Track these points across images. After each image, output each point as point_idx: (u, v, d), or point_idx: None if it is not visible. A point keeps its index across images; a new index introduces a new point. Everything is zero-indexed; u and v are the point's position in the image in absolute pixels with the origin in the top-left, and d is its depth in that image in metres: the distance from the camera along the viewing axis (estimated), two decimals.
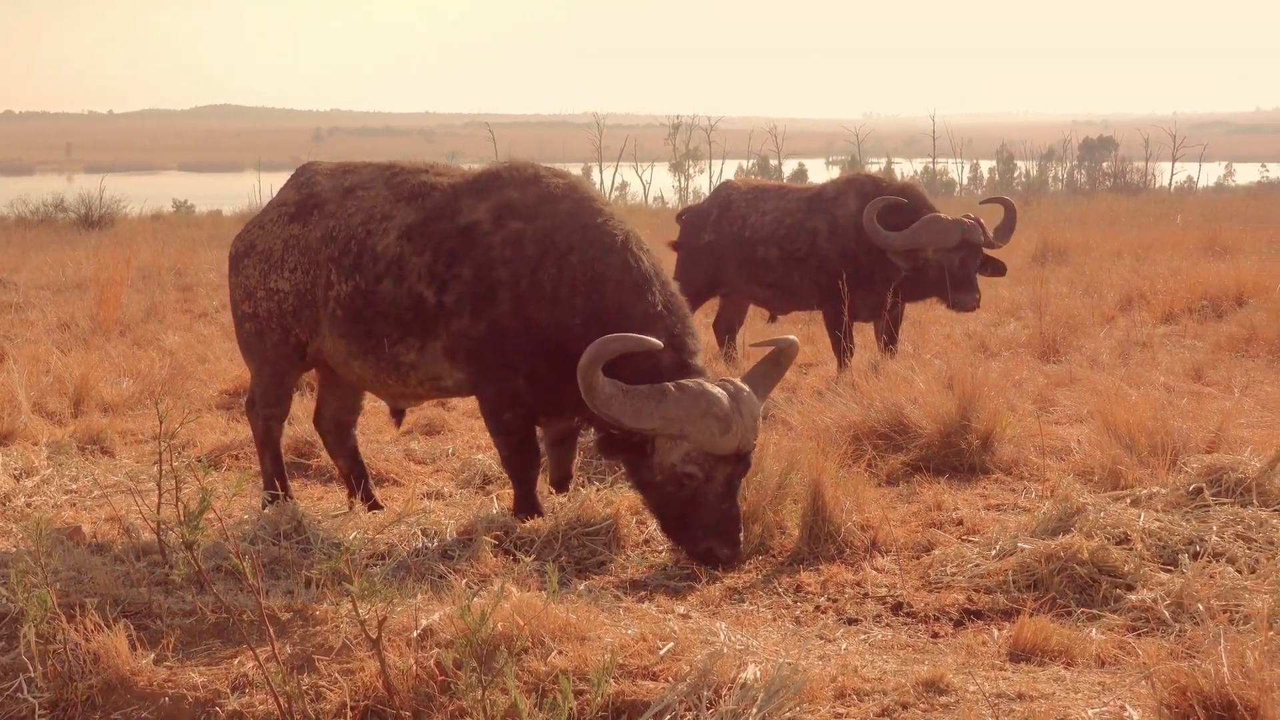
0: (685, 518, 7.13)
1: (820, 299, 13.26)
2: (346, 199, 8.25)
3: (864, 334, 13.51)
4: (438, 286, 7.76)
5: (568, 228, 7.65)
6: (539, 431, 8.09)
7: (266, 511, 7.43)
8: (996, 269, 12.86)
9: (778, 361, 7.60)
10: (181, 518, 4.90)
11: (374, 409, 10.52)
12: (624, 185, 64.49)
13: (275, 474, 8.67)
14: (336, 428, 8.84)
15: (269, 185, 46.72)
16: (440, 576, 6.69)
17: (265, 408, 8.64)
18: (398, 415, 8.99)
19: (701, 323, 12.63)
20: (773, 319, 14.92)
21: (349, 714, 4.95)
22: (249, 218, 32.09)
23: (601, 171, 67.15)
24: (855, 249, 12.79)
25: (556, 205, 7.76)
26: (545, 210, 7.74)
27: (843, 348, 12.60)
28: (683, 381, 7.04)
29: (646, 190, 61.63)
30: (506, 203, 7.81)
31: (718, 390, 7.04)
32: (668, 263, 9.84)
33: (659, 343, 7.13)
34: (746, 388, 7.21)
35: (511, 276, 7.60)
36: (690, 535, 7.12)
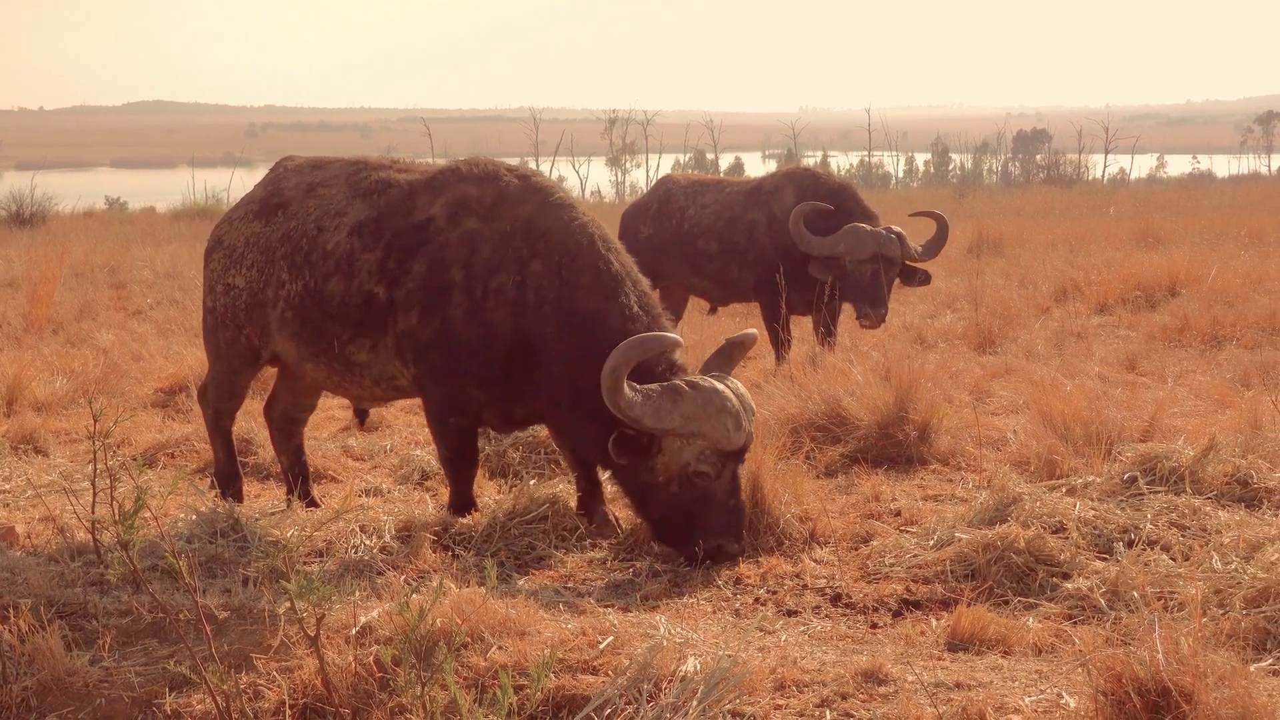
0: (693, 518, 7.08)
1: (758, 291, 13.29)
2: (308, 197, 8.16)
3: (801, 326, 13.54)
4: (388, 283, 7.65)
5: (529, 233, 7.51)
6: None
7: (203, 509, 7.37)
8: (922, 280, 12.87)
9: (731, 354, 7.59)
10: (116, 517, 4.86)
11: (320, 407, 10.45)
12: (561, 180, 64.30)
13: (228, 460, 8.67)
14: (286, 423, 8.76)
15: (203, 182, 46.41)
16: (379, 573, 6.67)
17: (216, 401, 8.61)
18: (361, 415, 8.96)
19: None
20: (712, 311, 14.96)
21: (288, 712, 4.92)
22: (183, 214, 31.37)
23: (538, 166, 66.78)
24: (792, 243, 12.80)
25: (516, 208, 7.62)
26: (504, 212, 7.60)
27: (780, 340, 12.64)
28: (692, 379, 7.05)
29: (584, 185, 61.54)
30: (462, 199, 7.69)
31: (725, 387, 7.06)
32: None
33: (679, 339, 7.16)
34: (738, 382, 7.24)
35: (466, 279, 7.48)
36: (697, 536, 7.05)
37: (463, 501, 7.85)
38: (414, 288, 7.57)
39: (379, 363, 7.83)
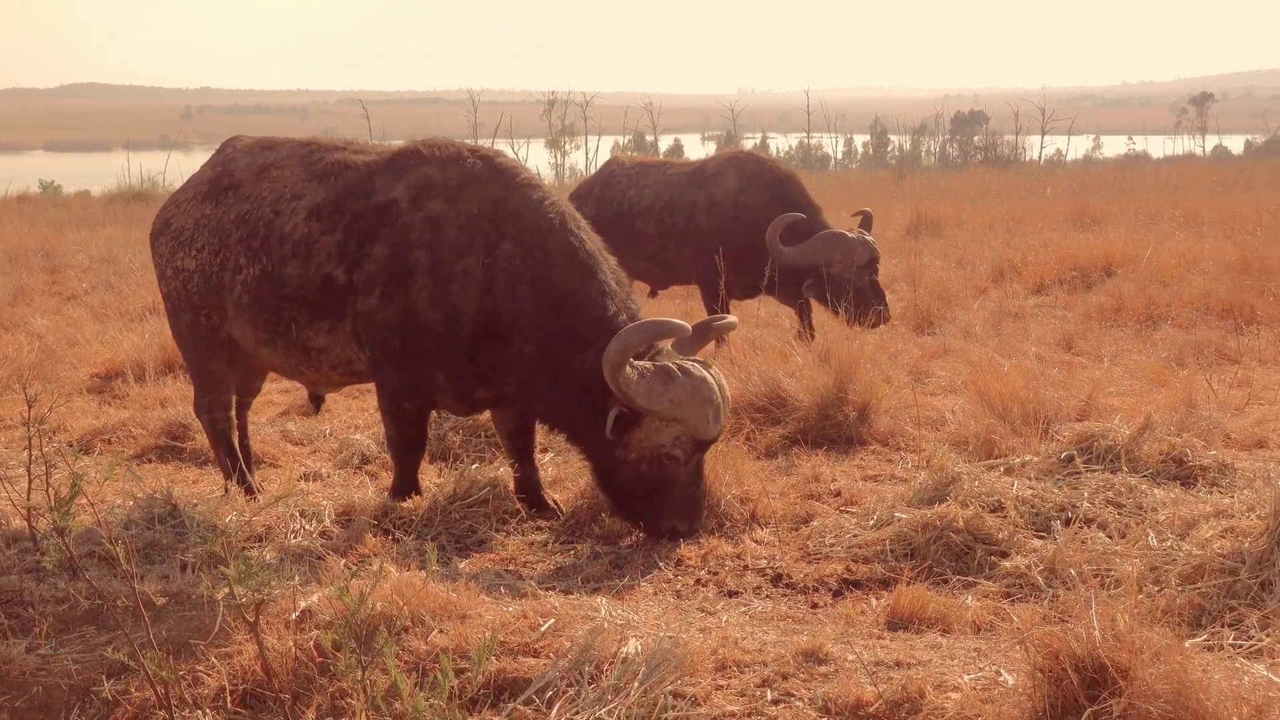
0: (655, 497, 7.13)
1: (697, 274, 13.32)
2: (260, 179, 8.03)
3: (740, 310, 13.56)
4: (348, 265, 7.56)
5: (497, 214, 7.45)
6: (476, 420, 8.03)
7: (140, 495, 7.30)
8: None
9: (704, 333, 7.64)
10: (52, 503, 4.81)
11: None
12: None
13: (234, 466, 8.38)
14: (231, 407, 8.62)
15: (138, 165, 45.95)
16: (319, 558, 6.64)
17: (204, 397, 8.40)
18: (316, 401, 8.79)
19: None
20: (652, 294, 14.95)
21: (227, 698, 4.89)
22: (118, 198, 31.05)
23: None
24: (733, 227, 12.85)
25: (483, 189, 7.55)
26: (470, 193, 7.52)
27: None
28: (684, 364, 7.04)
29: None
30: (426, 182, 7.59)
31: (712, 378, 7.07)
32: None
33: (688, 326, 7.15)
34: (720, 374, 7.25)
35: (431, 262, 7.40)
36: (656, 514, 7.14)
37: (407, 485, 7.81)
38: (375, 270, 7.48)
39: (337, 346, 7.74)
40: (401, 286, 7.44)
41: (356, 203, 7.66)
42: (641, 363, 6.94)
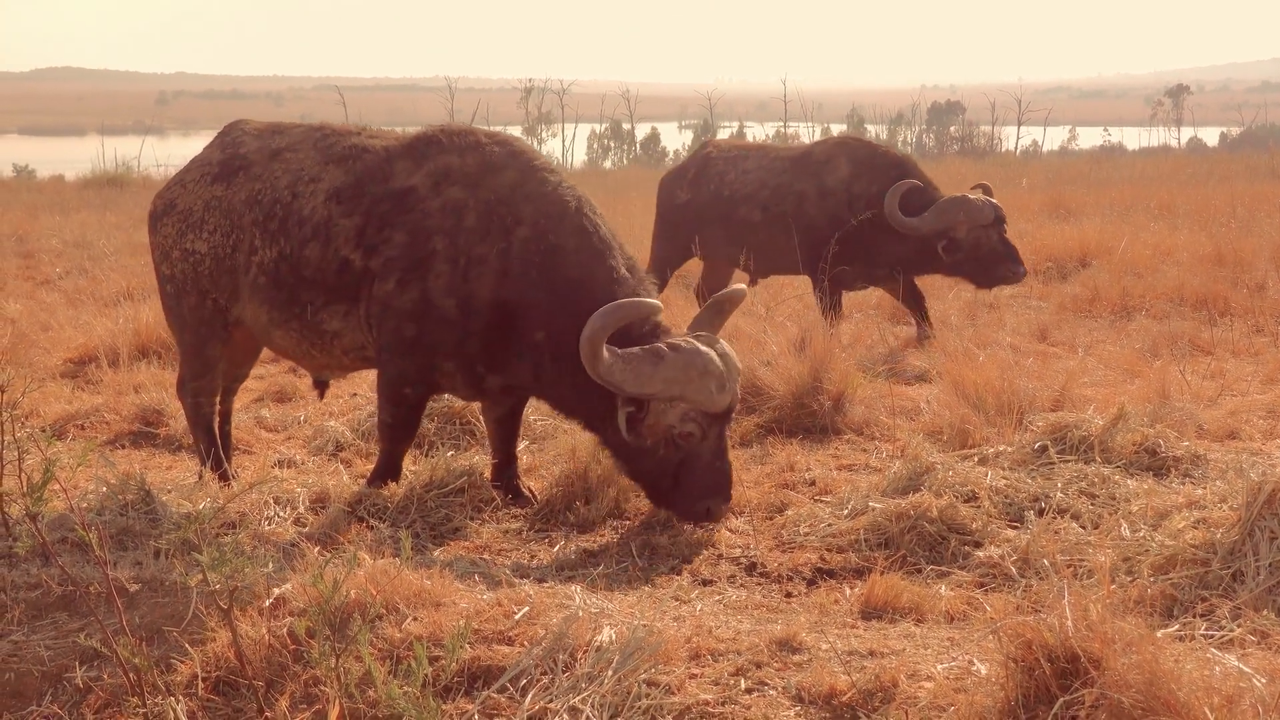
0: (681, 479, 7.11)
1: (806, 265, 13.00)
2: (274, 161, 7.98)
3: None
4: (365, 250, 7.52)
5: (514, 198, 7.43)
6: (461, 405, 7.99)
7: (113, 481, 7.26)
8: None
9: (721, 309, 7.61)
10: (25, 489, 4.79)
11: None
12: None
13: (211, 454, 8.30)
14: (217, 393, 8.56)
15: (113, 150, 45.71)
16: (293, 545, 6.62)
17: (192, 381, 8.30)
18: (320, 387, 8.67)
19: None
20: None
21: (200, 685, 4.88)
22: (92, 183, 30.88)
23: None
24: (847, 216, 12.61)
25: (500, 174, 7.52)
26: (488, 180, 7.50)
27: (830, 315, 12.34)
28: (674, 341, 7.01)
29: None
30: (445, 169, 7.56)
31: (708, 349, 7.03)
32: None
33: (659, 304, 7.14)
34: (724, 343, 7.24)
35: (449, 248, 7.37)
36: (687, 496, 7.11)
37: (391, 469, 7.81)
38: (394, 255, 7.44)
39: (350, 331, 7.70)
40: (419, 273, 7.40)
41: (376, 186, 7.63)
42: (630, 349, 6.92)
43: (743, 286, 7.88)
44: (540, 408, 8.51)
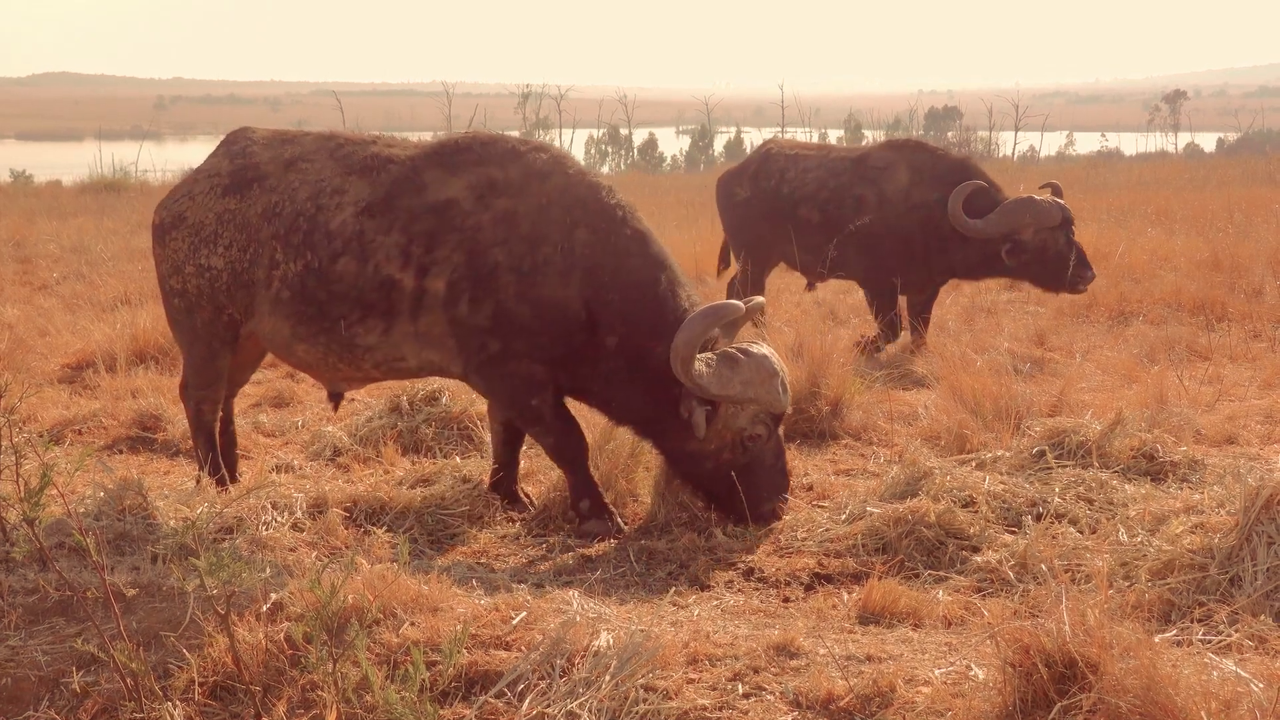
0: (745, 481, 7.21)
1: (863, 272, 12.84)
2: (289, 172, 7.77)
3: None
4: (417, 270, 7.37)
5: (565, 202, 7.38)
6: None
7: (111, 486, 7.25)
8: None
9: (736, 321, 7.59)
10: (22, 494, 4.79)
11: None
12: None
13: (212, 459, 8.19)
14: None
15: (110, 155, 45.69)
16: (291, 550, 6.62)
17: (197, 389, 8.16)
18: (335, 399, 8.51)
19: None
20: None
21: (197, 690, 4.88)
22: (89, 188, 30.79)
23: None
24: (907, 224, 12.45)
25: (547, 180, 7.45)
26: (535, 186, 7.43)
27: (889, 322, 12.43)
28: (743, 346, 7.16)
29: None
30: (488, 181, 7.45)
31: (771, 352, 7.21)
32: None
33: (742, 306, 7.27)
34: (769, 346, 7.39)
35: (510, 258, 7.29)
36: (750, 499, 7.20)
37: (587, 487, 7.53)
38: (457, 277, 7.33)
39: (387, 345, 7.56)
40: (488, 289, 7.31)
41: (410, 200, 7.48)
42: (705, 353, 7.02)
43: (762, 299, 7.99)
44: None
